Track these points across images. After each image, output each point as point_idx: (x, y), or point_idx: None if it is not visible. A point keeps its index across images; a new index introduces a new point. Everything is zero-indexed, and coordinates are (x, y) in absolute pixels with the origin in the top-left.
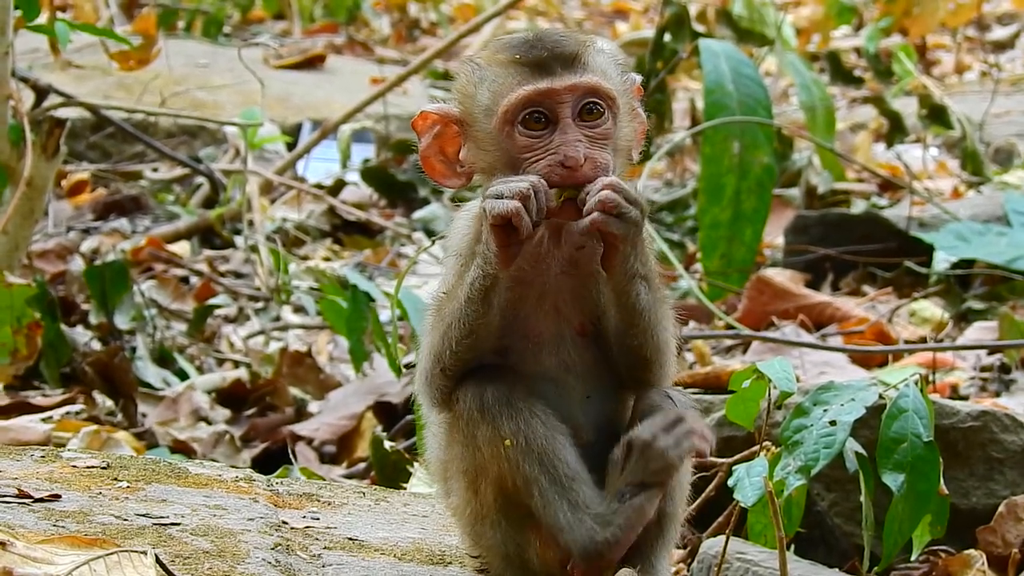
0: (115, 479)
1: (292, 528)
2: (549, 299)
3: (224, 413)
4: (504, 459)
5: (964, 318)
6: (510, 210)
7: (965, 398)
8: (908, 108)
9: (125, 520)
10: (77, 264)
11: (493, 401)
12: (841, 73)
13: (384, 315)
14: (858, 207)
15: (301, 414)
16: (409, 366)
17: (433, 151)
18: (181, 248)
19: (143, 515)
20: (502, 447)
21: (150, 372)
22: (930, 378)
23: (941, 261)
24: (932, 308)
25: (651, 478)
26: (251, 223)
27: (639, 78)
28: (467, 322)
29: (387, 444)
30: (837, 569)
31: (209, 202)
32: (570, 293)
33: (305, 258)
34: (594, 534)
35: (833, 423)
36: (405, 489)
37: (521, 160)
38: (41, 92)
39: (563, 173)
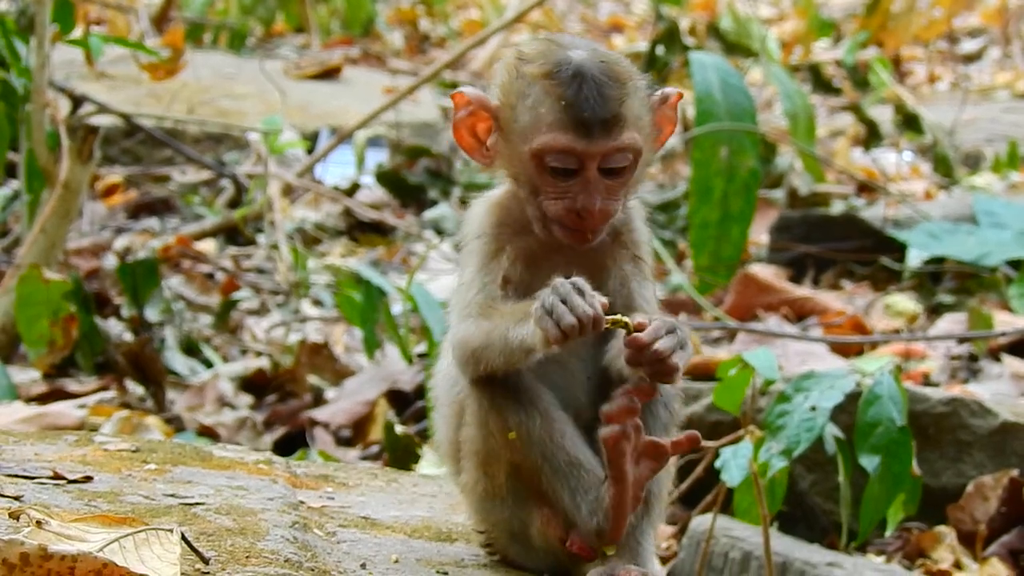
0: (144, 462)
1: (309, 507)
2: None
3: (247, 400)
4: (513, 449)
5: (935, 311)
6: (554, 337)
7: (936, 385)
8: (884, 116)
9: (153, 500)
10: (110, 261)
11: (501, 394)
12: (821, 83)
13: (396, 308)
14: (837, 208)
15: (318, 400)
16: (420, 356)
17: (465, 125)
18: (207, 246)
19: (170, 495)
20: (507, 439)
21: (178, 361)
22: (904, 367)
23: (914, 258)
24: (906, 302)
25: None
26: (272, 223)
27: (673, 91)
28: (510, 359)
29: (398, 428)
30: (817, 544)
31: (233, 203)
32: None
33: (323, 255)
34: (588, 520)
35: (813, 409)
36: (415, 471)
37: (541, 190)
38: (76, 101)
39: (576, 220)
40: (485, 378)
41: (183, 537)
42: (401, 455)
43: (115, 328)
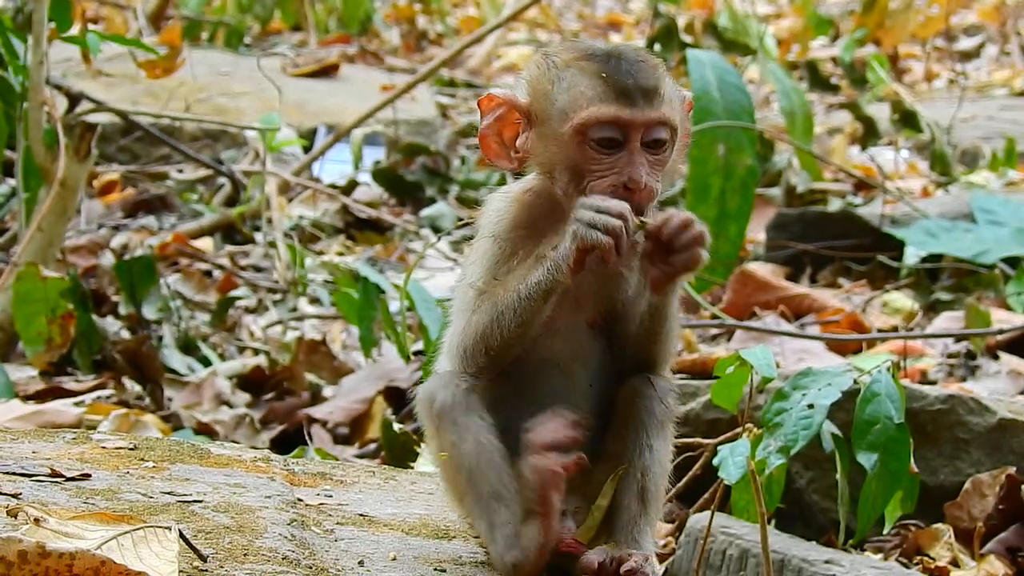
0: (142, 459)
1: (307, 505)
2: (571, 292)
3: (244, 397)
4: (444, 470)
5: (933, 308)
6: (602, 243)
7: (933, 383)
8: (881, 113)
9: (151, 497)
10: (107, 259)
11: (439, 410)
12: (819, 81)
13: (393, 306)
14: (834, 205)
15: (316, 398)
16: (417, 353)
17: (492, 131)
18: (205, 244)
19: (168, 493)
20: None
21: (176, 359)
22: (901, 364)
23: (911, 255)
24: (903, 299)
25: (532, 505)
26: (270, 220)
27: (689, 95)
28: (524, 315)
29: (396, 426)
30: (814, 542)
31: (231, 201)
32: (590, 288)
33: (320, 253)
34: (504, 554)
35: (811, 406)
36: (412, 468)
37: (585, 170)
38: (73, 99)
39: (624, 195)
40: (426, 391)
41: (181, 535)
42: (399, 453)
43: (112, 326)
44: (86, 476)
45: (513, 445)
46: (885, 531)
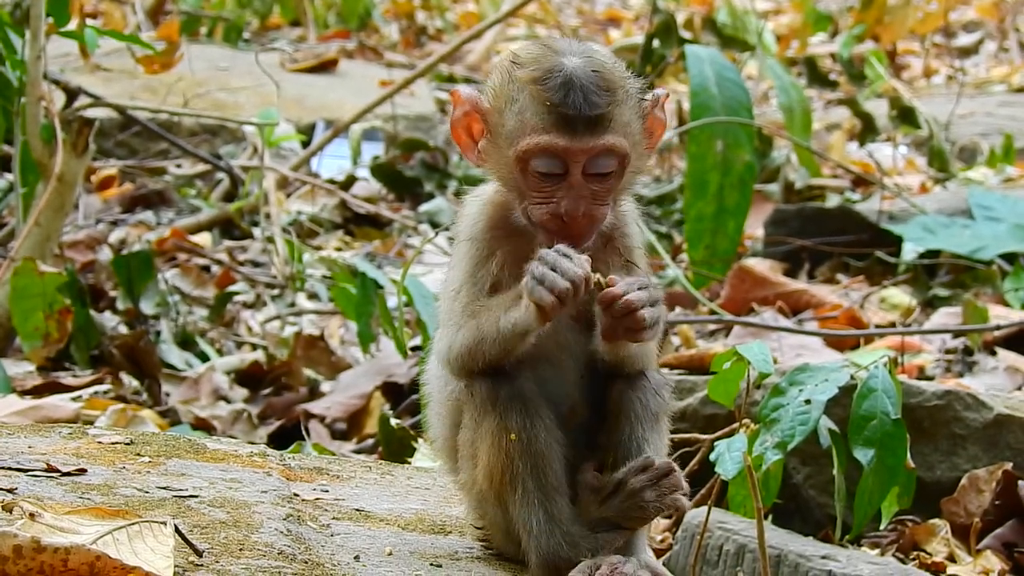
0: (138, 454)
1: (303, 500)
2: None
3: (242, 393)
4: (503, 452)
5: (930, 304)
6: (547, 303)
7: (931, 379)
8: (879, 109)
9: (147, 492)
10: (105, 254)
11: (507, 395)
12: (817, 77)
13: (391, 301)
14: (832, 201)
15: (314, 393)
16: (415, 349)
17: (462, 124)
18: (203, 239)
19: (164, 488)
20: (505, 439)
21: (173, 354)
22: (898, 360)
23: (909, 251)
24: (901, 295)
25: (627, 523)
26: (268, 216)
27: (663, 92)
28: (506, 345)
29: (393, 421)
30: (811, 537)
31: (229, 196)
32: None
33: (318, 248)
34: (560, 550)
35: (808, 402)
36: (409, 464)
37: (527, 194)
38: (71, 93)
39: (559, 225)
40: (488, 381)
41: (177, 530)
42: (396, 448)
43: (110, 321)
44: (82, 471)
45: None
46: (882, 526)
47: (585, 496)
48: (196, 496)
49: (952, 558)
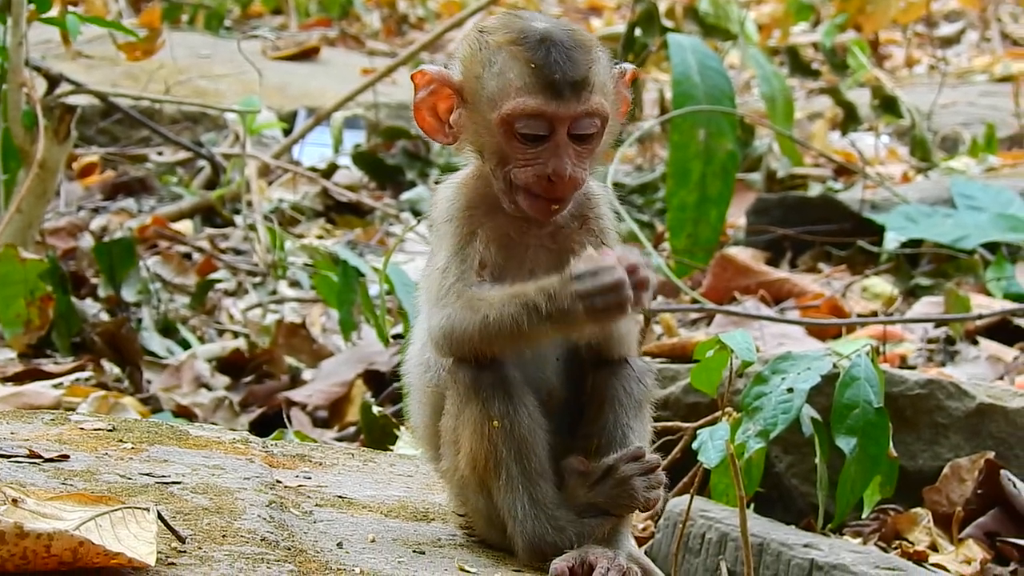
0: (120, 441)
1: (286, 487)
2: (527, 268)
3: (224, 380)
4: (485, 438)
5: (912, 293)
6: (615, 315)
7: (913, 368)
8: (862, 99)
9: (129, 479)
10: (87, 241)
11: (489, 382)
12: (799, 66)
13: (373, 289)
14: (815, 190)
15: (295, 381)
16: (397, 337)
17: (426, 105)
18: (184, 226)
19: (146, 474)
20: (487, 426)
21: (155, 342)
22: (881, 349)
23: (891, 241)
24: (883, 284)
25: (616, 510)
26: (250, 203)
27: (630, 67)
28: (518, 345)
29: (375, 409)
30: (794, 526)
31: (210, 184)
32: (546, 264)
33: (300, 236)
34: (545, 534)
35: (790, 390)
36: (391, 451)
37: (510, 158)
38: (53, 80)
39: (546, 186)
40: (471, 368)
41: (159, 516)
42: (378, 436)
43: (92, 308)
44: (65, 457)
45: None
46: (864, 515)
47: (572, 481)
48: (179, 483)
49: (934, 547)
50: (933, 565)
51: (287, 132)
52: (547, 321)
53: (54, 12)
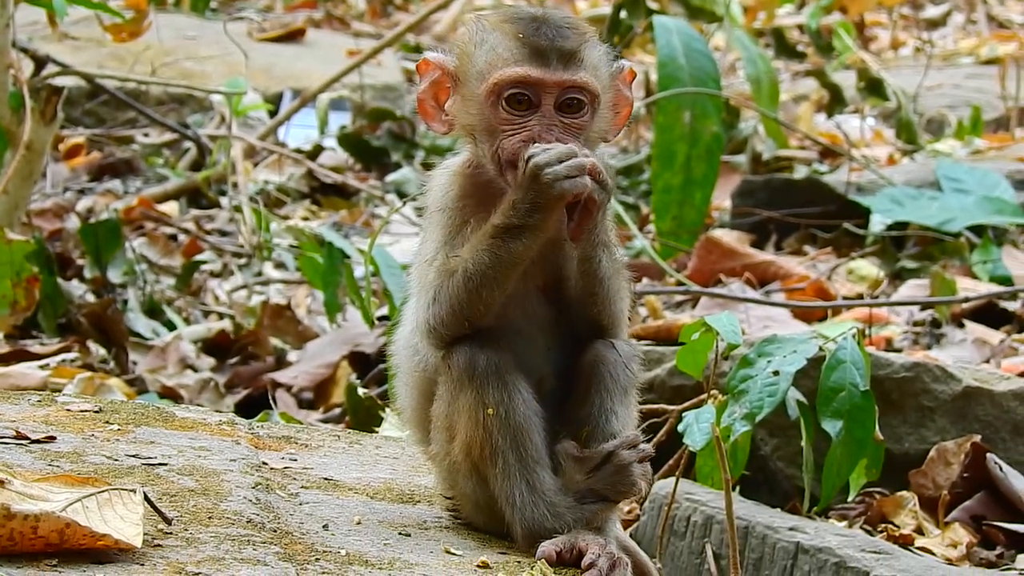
0: (107, 422)
1: (272, 468)
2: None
3: (209, 361)
4: (480, 426)
5: (898, 276)
6: (584, 187)
7: (899, 351)
8: (847, 81)
9: (116, 460)
10: (73, 222)
11: (484, 369)
12: (785, 48)
13: (358, 271)
14: (800, 173)
15: (281, 363)
16: (382, 319)
17: (428, 95)
18: (170, 208)
19: (133, 456)
20: (482, 413)
21: (141, 323)
22: (866, 332)
23: (877, 223)
24: (868, 267)
25: (615, 496)
26: (235, 185)
27: (627, 64)
28: (503, 281)
29: (361, 391)
30: (779, 509)
31: (196, 165)
32: (536, 254)
33: (285, 218)
34: (544, 520)
35: (776, 373)
36: (377, 433)
37: (499, 131)
38: (40, 62)
39: None
40: (466, 354)
41: (146, 497)
42: (363, 417)
43: (78, 289)
44: (51, 439)
45: None
46: (850, 498)
47: (568, 466)
48: (165, 464)
49: (920, 530)
50: (919, 548)
51: (273, 114)
52: (521, 233)
53: None
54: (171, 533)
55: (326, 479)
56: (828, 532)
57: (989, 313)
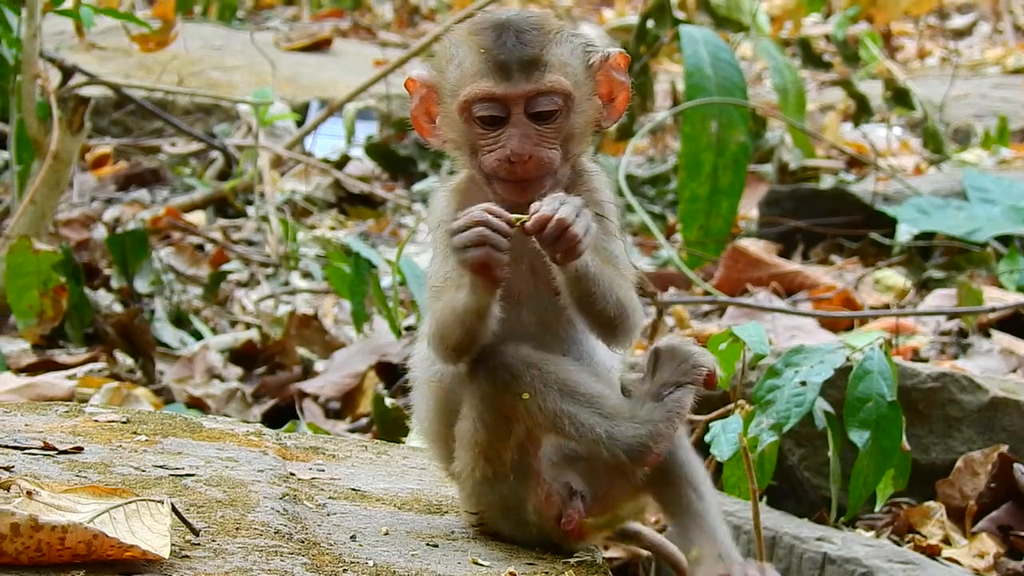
0: (134, 433)
1: (299, 479)
2: (525, 260)
3: (236, 371)
4: (527, 414)
5: (925, 286)
6: (479, 258)
7: (926, 360)
8: (874, 90)
9: (143, 471)
10: (100, 232)
11: (501, 375)
12: (811, 58)
13: (385, 281)
14: (827, 182)
15: (308, 372)
16: (409, 328)
17: (420, 111)
18: (197, 217)
19: (160, 466)
20: (520, 405)
21: (167, 333)
22: (893, 342)
23: (904, 233)
24: (895, 276)
25: (685, 377)
26: (262, 194)
27: (616, 51)
28: (465, 330)
29: (388, 401)
30: (806, 519)
31: (223, 175)
32: (544, 258)
33: (312, 227)
34: (637, 433)
35: (803, 383)
36: (404, 443)
37: (477, 146)
38: (67, 72)
39: (509, 168)
40: (481, 367)
41: (173, 508)
42: (390, 427)
43: (105, 299)
44: (79, 449)
45: None
46: (877, 508)
47: (633, 387)
48: (192, 475)
49: (947, 541)
50: (946, 559)
51: (299, 123)
52: (464, 286)
53: (68, 3)
54: (199, 544)
55: (353, 490)
56: (855, 542)
57: (1016, 323)
